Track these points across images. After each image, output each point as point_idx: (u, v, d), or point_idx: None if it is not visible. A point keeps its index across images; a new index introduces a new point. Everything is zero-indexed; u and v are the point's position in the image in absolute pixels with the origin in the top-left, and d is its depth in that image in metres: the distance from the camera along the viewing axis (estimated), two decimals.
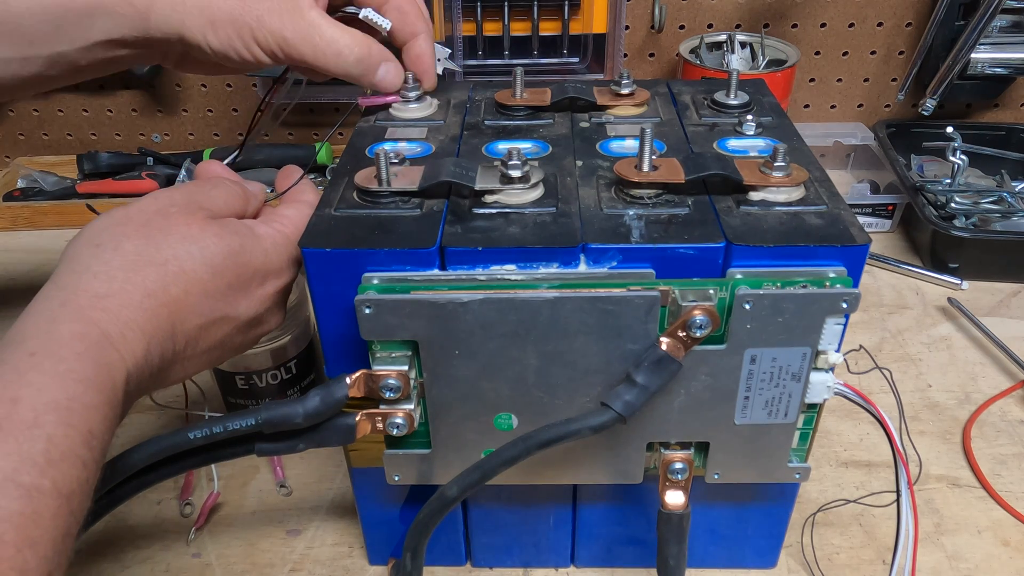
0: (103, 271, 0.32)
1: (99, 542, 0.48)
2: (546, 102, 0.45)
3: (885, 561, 0.47)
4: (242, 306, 0.36)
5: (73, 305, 0.31)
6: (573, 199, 0.37)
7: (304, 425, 0.35)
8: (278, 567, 0.47)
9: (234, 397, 0.53)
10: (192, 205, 0.36)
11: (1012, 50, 0.78)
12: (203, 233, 0.35)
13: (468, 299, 0.33)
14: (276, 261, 0.37)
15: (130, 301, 0.32)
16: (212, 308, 0.35)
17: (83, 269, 0.32)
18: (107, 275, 0.32)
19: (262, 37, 0.42)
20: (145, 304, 0.32)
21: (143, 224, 0.34)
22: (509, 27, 0.77)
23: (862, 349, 0.50)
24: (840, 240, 0.34)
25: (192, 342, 0.34)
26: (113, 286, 0.32)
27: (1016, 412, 0.57)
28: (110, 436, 0.30)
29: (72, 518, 0.27)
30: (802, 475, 0.39)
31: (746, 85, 0.47)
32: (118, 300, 0.31)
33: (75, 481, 0.27)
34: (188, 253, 0.34)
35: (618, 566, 0.46)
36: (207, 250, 0.34)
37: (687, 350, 0.34)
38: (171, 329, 0.33)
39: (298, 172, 0.41)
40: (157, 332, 0.32)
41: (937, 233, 0.68)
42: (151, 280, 0.33)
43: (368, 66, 0.43)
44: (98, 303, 0.31)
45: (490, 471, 0.34)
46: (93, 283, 0.32)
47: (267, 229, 0.38)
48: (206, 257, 0.34)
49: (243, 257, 0.36)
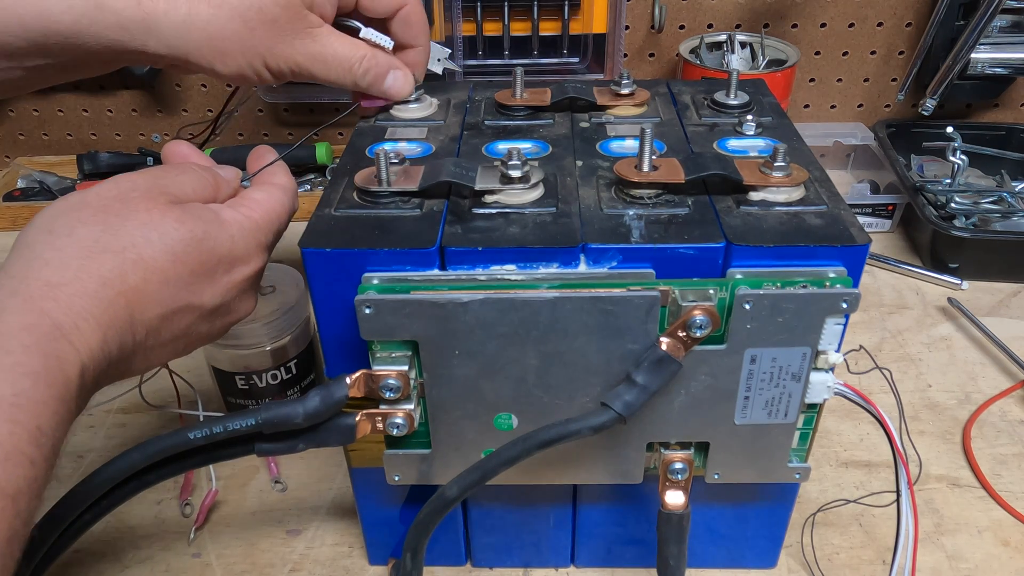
0: (56, 258, 0.30)
1: (99, 542, 0.48)
2: (546, 102, 0.45)
3: (885, 561, 0.47)
4: (207, 294, 0.35)
5: (23, 295, 0.29)
6: (573, 199, 0.37)
7: (304, 425, 0.35)
8: (278, 567, 0.47)
9: (234, 397, 0.53)
10: (155, 190, 0.34)
11: (1012, 50, 0.78)
12: (164, 219, 0.33)
13: (468, 299, 0.33)
14: (243, 247, 0.36)
15: (84, 290, 0.30)
16: (173, 297, 0.33)
17: (35, 256, 0.31)
18: (60, 263, 0.30)
19: (274, 64, 0.41)
20: (101, 293, 0.31)
21: (100, 209, 0.33)
22: (509, 27, 0.77)
23: (862, 349, 0.50)
24: (840, 240, 0.34)
25: (153, 332, 0.33)
26: (66, 274, 0.30)
27: (1016, 412, 0.57)
28: (63, 432, 0.29)
29: (18, 519, 0.26)
30: (802, 475, 0.39)
31: (746, 85, 0.47)
32: (71, 289, 0.30)
33: (22, 480, 0.26)
34: (147, 240, 0.32)
35: (618, 566, 0.46)
36: (167, 236, 0.33)
37: (687, 350, 0.34)
38: (129, 319, 0.32)
39: (272, 153, 0.40)
40: (114, 322, 0.31)
41: (937, 233, 0.68)
42: (107, 268, 0.31)
43: (376, 75, 0.44)
44: (50, 292, 0.29)
45: (490, 471, 0.34)
46: (45, 271, 0.30)
47: (233, 214, 0.36)
48: (166, 244, 0.33)
49: (207, 243, 0.34)
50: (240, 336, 0.50)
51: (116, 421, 0.57)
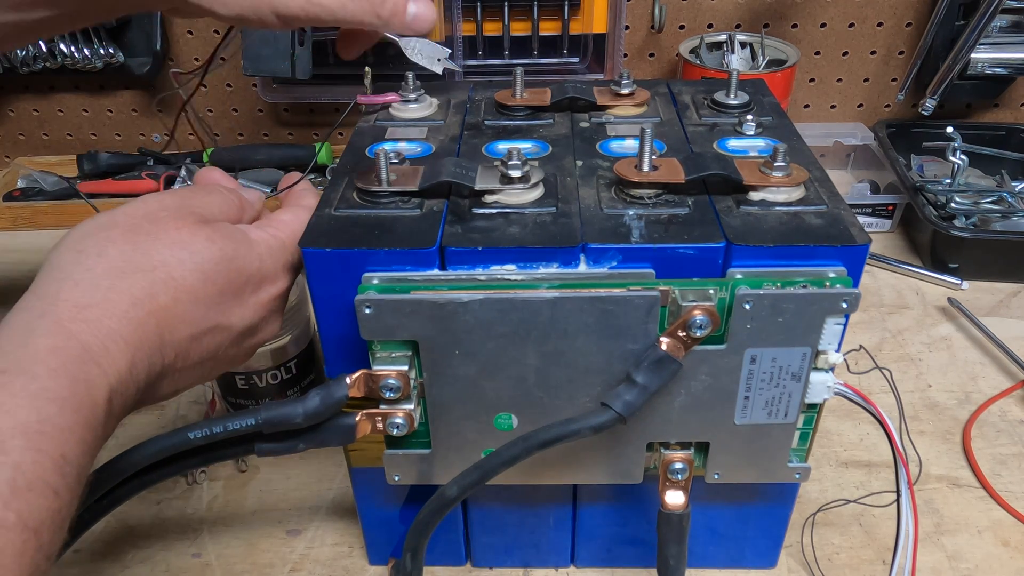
0: (86, 279, 0.30)
1: (99, 542, 0.48)
2: (546, 102, 0.45)
3: (885, 561, 0.47)
4: (236, 314, 0.35)
5: (51, 316, 0.28)
6: (573, 199, 0.37)
7: (304, 425, 0.35)
8: (278, 567, 0.47)
9: (234, 397, 0.53)
10: (183, 209, 0.34)
11: (1012, 50, 0.78)
12: (193, 238, 0.33)
13: (468, 299, 0.33)
14: (271, 266, 0.36)
15: (114, 311, 0.29)
16: (204, 317, 0.33)
17: (64, 277, 0.30)
18: (90, 283, 0.30)
19: (283, 6, 0.37)
20: (131, 314, 0.30)
21: (130, 229, 0.32)
22: (509, 27, 0.77)
23: (862, 349, 0.50)
24: (840, 240, 0.34)
25: (183, 354, 0.33)
26: (96, 295, 0.29)
27: (1016, 412, 0.57)
28: (89, 460, 0.28)
29: (41, 553, 0.25)
30: (802, 475, 0.39)
31: (746, 85, 0.47)
32: (101, 310, 0.29)
33: (44, 512, 0.25)
34: (178, 259, 0.32)
35: (618, 566, 0.46)
36: (198, 255, 0.33)
37: (687, 350, 0.34)
38: (159, 340, 0.31)
39: (298, 176, 0.41)
40: (144, 343, 0.30)
41: (937, 233, 0.68)
42: (137, 288, 0.30)
43: (397, 5, 0.40)
44: (79, 314, 0.29)
45: (490, 471, 0.34)
46: (74, 292, 0.29)
47: (262, 234, 0.36)
48: (197, 263, 0.32)
49: (236, 263, 0.34)
50: None
51: None
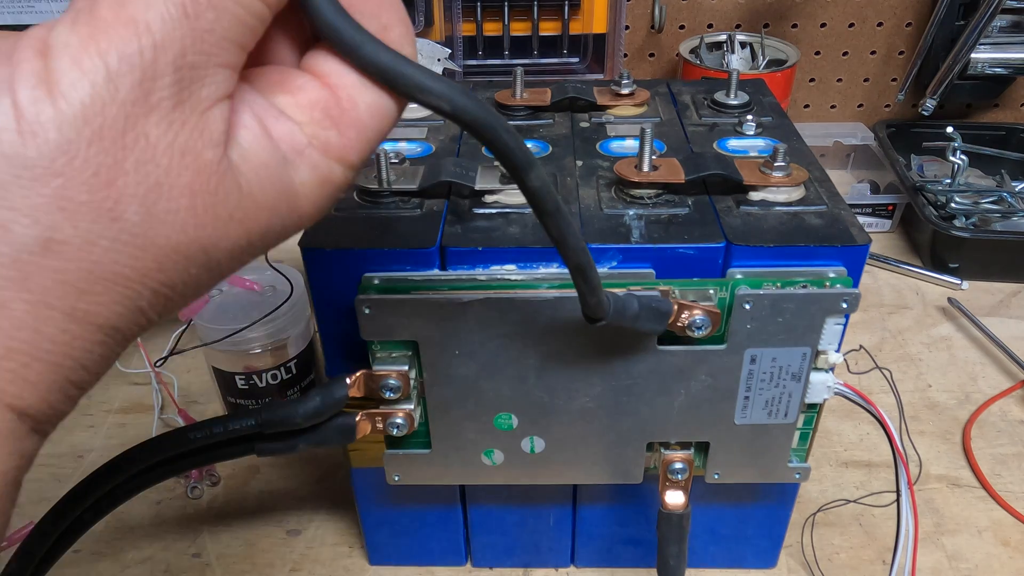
0: (30, 301, 0.18)
1: (99, 542, 0.48)
2: (546, 102, 0.45)
3: (885, 561, 0.47)
4: (224, 276, 0.22)
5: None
6: (573, 199, 0.37)
7: (304, 425, 0.35)
8: (278, 567, 0.47)
9: (234, 397, 0.53)
10: (187, 93, 0.18)
11: (1012, 50, 0.78)
12: (216, 218, 0.20)
13: (468, 299, 0.33)
14: (310, 217, 0.22)
15: (77, 352, 0.19)
16: (181, 306, 0.21)
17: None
18: (37, 309, 0.18)
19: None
20: (98, 351, 0.20)
21: (104, 177, 0.17)
22: (509, 27, 0.77)
23: (862, 349, 0.50)
24: (840, 240, 0.34)
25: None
26: (49, 331, 0.18)
27: (1016, 412, 0.57)
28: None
29: None
30: (802, 475, 0.39)
31: (746, 85, 0.47)
32: (56, 356, 0.19)
33: None
34: (185, 266, 0.20)
35: (618, 566, 0.46)
36: (215, 249, 0.21)
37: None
38: (111, 355, 0.20)
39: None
40: (97, 378, 0.20)
41: (937, 233, 0.68)
42: (115, 311, 0.19)
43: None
44: (20, 370, 0.18)
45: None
46: (5, 325, 0.18)
47: (317, 169, 0.21)
48: (211, 259, 0.21)
49: (266, 239, 0.22)
50: (240, 336, 0.50)
51: (116, 421, 0.57)
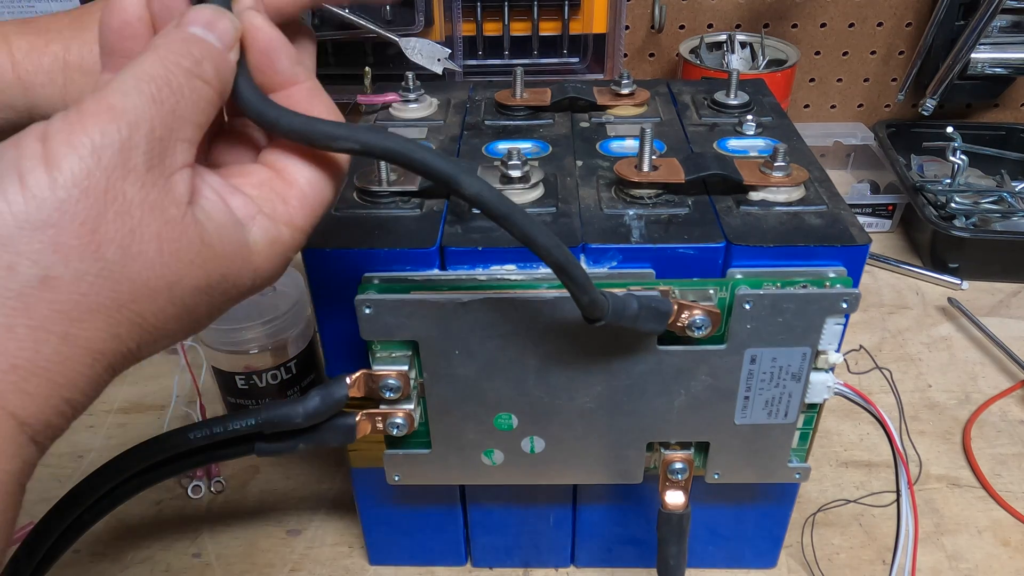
0: (31, 326, 0.21)
1: (99, 542, 0.48)
2: (546, 102, 0.45)
3: (885, 561, 0.47)
4: (202, 326, 0.26)
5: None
6: (573, 199, 0.37)
7: (304, 425, 0.35)
8: (278, 567, 0.47)
9: (234, 397, 0.53)
10: (155, 162, 0.22)
11: (1012, 50, 0.78)
12: (179, 260, 0.23)
13: (468, 299, 0.33)
14: (266, 275, 0.27)
15: (66, 373, 0.22)
16: (166, 343, 0.25)
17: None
18: (37, 332, 0.21)
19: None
20: (85, 374, 0.22)
21: (90, 227, 0.21)
22: (509, 27, 0.77)
23: (862, 349, 0.50)
24: (840, 240, 0.34)
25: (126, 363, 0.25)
26: (43, 350, 0.21)
27: (1016, 412, 0.57)
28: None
29: None
30: (802, 475, 0.39)
31: (746, 85, 0.47)
32: (46, 375, 0.21)
33: None
34: (152, 298, 0.23)
35: (618, 566, 0.46)
36: (178, 287, 0.23)
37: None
38: (102, 378, 0.23)
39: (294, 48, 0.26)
40: (88, 400, 0.23)
41: (937, 233, 0.68)
42: (99, 338, 0.22)
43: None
44: (14, 380, 0.20)
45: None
46: (11, 346, 0.20)
47: (266, 231, 0.26)
48: (175, 296, 0.23)
49: (223, 286, 0.25)
50: (240, 336, 0.50)
51: (116, 421, 0.57)
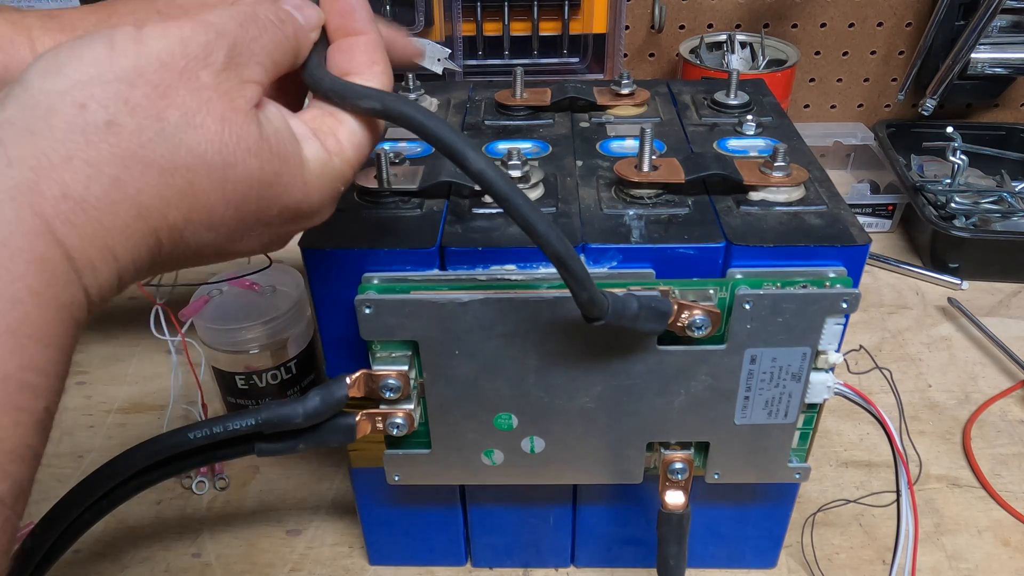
0: (85, 157, 0.22)
1: (99, 542, 0.48)
2: (546, 102, 0.45)
3: (885, 561, 0.47)
4: (250, 242, 0.27)
5: (29, 203, 0.21)
6: (573, 199, 0.37)
7: (304, 425, 0.35)
8: (278, 567, 0.47)
9: (234, 397, 0.53)
10: (232, 66, 0.24)
11: (1012, 50, 0.78)
12: (237, 144, 0.24)
13: (468, 299, 0.33)
14: (316, 199, 0.27)
15: (114, 219, 0.22)
16: (210, 243, 0.26)
17: (52, 143, 0.21)
18: (90, 167, 0.22)
19: None
20: (132, 227, 0.23)
21: (159, 90, 0.23)
22: (509, 27, 0.77)
23: (862, 349, 0.50)
24: (840, 240, 0.34)
25: (176, 264, 0.26)
26: (95, 188, 0.22)
27: (1016, 412, 0.57)
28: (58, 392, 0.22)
29: (10, 524, 0.21)
30: (802, 475, 0.39)
31: (746, 85, 0.47)
32: (98, 212, 0.22)
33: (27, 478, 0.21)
34: (207, 165, 0.24)
35: (618, 566, 0.46)
36: (232, 171, 0.24)
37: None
38: (151, 262, 0.24)
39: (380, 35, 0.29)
40: (134, 264, 0.24)
41: (937, 233, 0.68)
42: (148, 194, 0.23)
43: None
44: (69, 212, 0.21)
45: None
46: (66, 175, 0.21)
47: (318, 152, 0.27)
48: (228, 180, 0.24)
49: (275, 188, 0.26)
50: (240, 336, 0.50)
51: (116, 421, 0.57)
